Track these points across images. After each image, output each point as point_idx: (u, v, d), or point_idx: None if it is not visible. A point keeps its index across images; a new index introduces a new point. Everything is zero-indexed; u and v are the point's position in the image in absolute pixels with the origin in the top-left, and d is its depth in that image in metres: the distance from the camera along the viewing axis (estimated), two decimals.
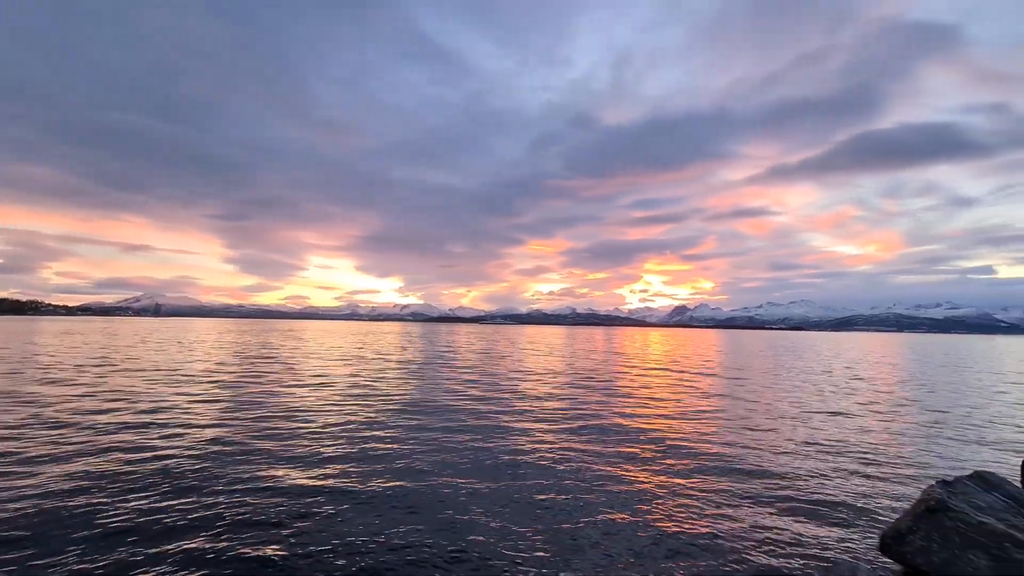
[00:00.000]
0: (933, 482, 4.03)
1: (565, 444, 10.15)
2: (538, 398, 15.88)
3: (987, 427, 12.87)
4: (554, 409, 13.97)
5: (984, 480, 4.04)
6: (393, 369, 23.46)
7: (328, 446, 9.48)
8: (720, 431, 11.65)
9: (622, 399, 16.07)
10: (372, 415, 12.46)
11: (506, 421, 12.20)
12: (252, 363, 24.67)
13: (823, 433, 11.65)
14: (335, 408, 13.26)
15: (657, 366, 29.38)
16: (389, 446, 9.62)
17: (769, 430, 11.85)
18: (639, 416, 13.26)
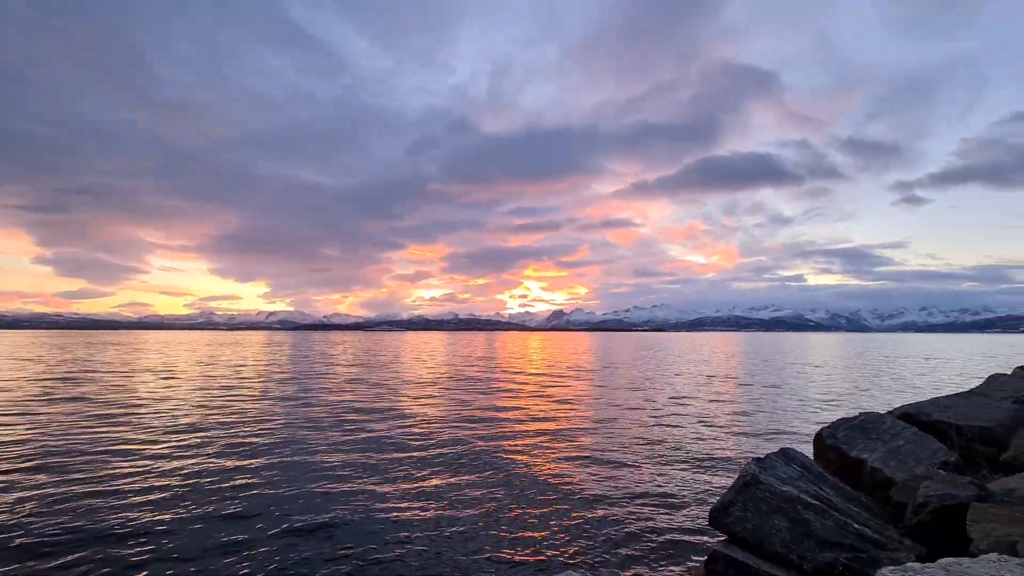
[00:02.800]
0: (750, 460, 4.59)
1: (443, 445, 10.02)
2: (414, 407, 15.51)
3: (795, 408, 15.36)
4: (429, 414, 13.75)
5: (786, 455, 4.70)
6: (239, 388, 21.30)
7: (164, 477, 8.25)
8: (579, 427, 12.39)
9: (498, 400, 16.37)
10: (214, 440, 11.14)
11: (398, 448, 11.69)
12: (44, 386, 20.72)
13: (671, 421, 12.97)
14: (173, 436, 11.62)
15: (535, 368, 30.54)
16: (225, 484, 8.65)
17: (623, 421, 12.89)
18: (509, 417, 13.59)
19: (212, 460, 9.02)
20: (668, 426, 12.46)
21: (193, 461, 8.93)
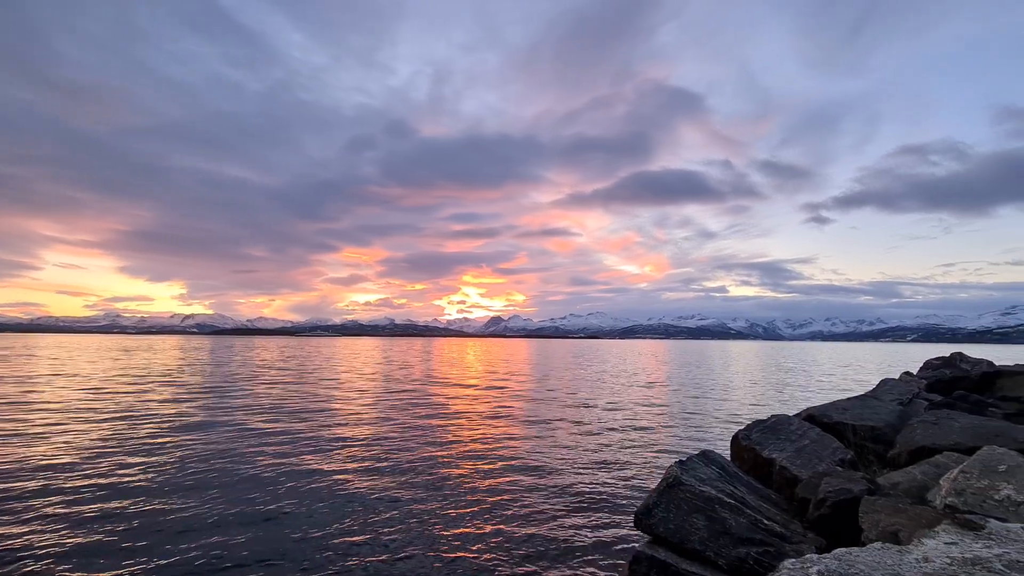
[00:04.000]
0: (673, 462, 4.79)
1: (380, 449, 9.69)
2: (347, 413, 14.93)
3: (717, 412, 16.31)
4: (362, 419, 13.28)
5: (706, 456, 4.95)
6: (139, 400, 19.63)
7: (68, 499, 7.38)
8: (509, 432, 12.47)
9: (431, 407, 16.11)
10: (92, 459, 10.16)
11: (325, 460, 11.12)
12: None
13: (601, 426, 13.34)
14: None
15: (471, 374, 30.39)
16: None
17: (554, 426, 13.11)
18: (440, 423, 13.42)
19: (113, 472, 8.20)
20: (597, 431, 12.80)
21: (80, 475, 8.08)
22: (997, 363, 12.33)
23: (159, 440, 10.89)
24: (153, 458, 9.42)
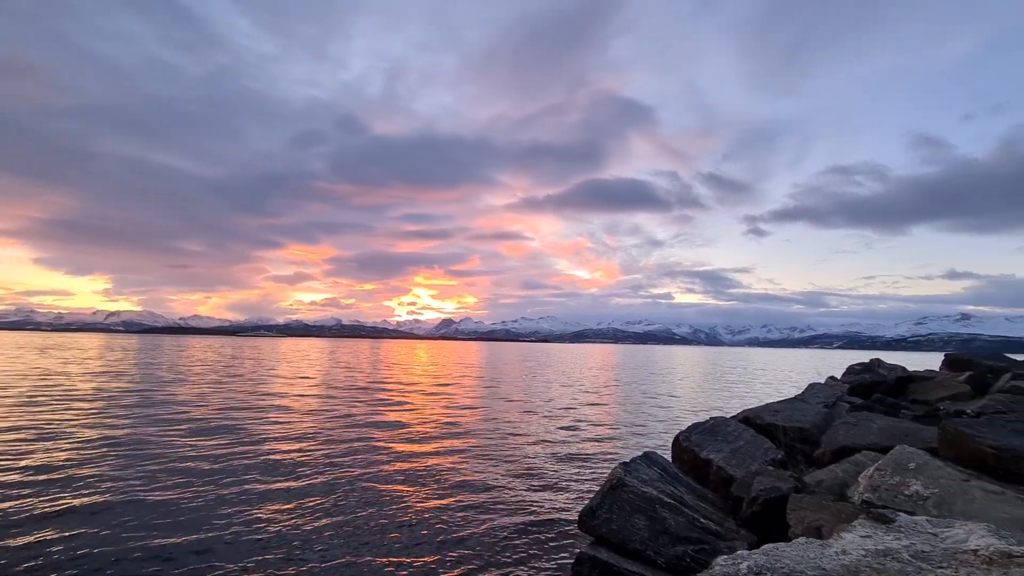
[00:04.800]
0: (618, 464, 4.88)
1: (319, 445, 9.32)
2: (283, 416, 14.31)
3: (662, 414, 16.86)
4: (306, 421, 12.78)
5: (649, 458, 5.09)
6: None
7: None
8: (456, 434, 12.38)
9: (376, 409, 15.73)
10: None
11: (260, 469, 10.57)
12: None
13: (548, 428, 13.47)
14: None
15: (419, 377, 29.93)
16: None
17: (502, 429, 13.13)
18: (385, 426, 13.13)
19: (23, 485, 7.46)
20: (544, 434, 12.91)
21: None
22: (910, 369, 13.44)
23: (55, 457, 10.02)
24: (41, 478, 8.64)
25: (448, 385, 25.59)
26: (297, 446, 10.75)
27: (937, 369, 13.90)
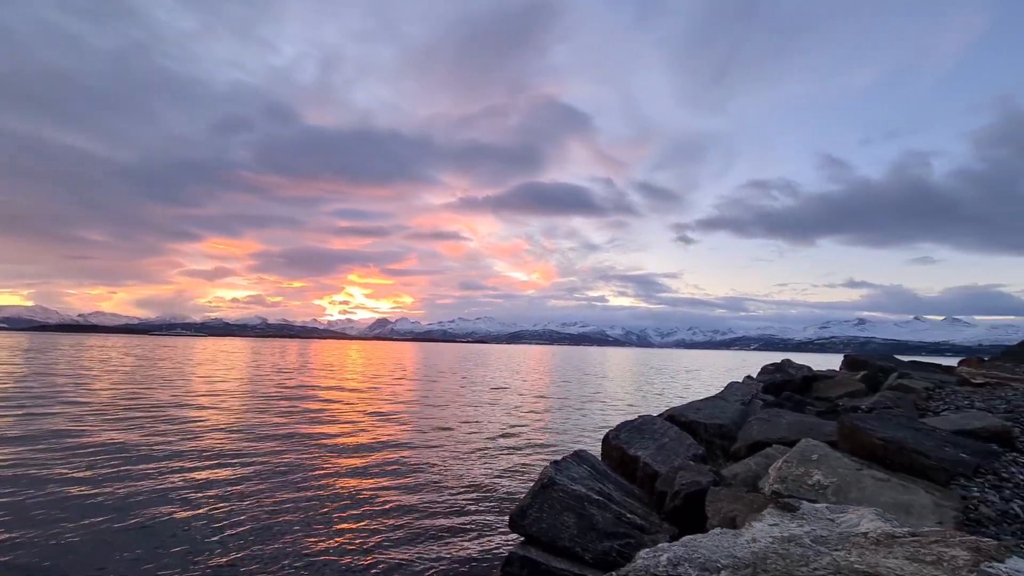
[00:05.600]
0: (549, 463, 4.93)
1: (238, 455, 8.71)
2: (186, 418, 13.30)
3: (594, 413, 17.34)
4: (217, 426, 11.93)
5: (579, 456, 5.19)
6: None
7: None
8: (386, 438, 12.10)
9: (301, 413, 15.01)
10: None
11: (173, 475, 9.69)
12: None
13: (482, 429, 13.47)
14: None
15: (349, 378, 28.92)
16: None
17: (433, 431, 12.98)
18: (311, 430, 12.58)
19: None
20: (478, 435, 12.89)
21: None
22: (815, 369, 14.69)
23: None
24: None
25: (379, 388, 24.90)
26: (207, 462, 10.01)
27: (838, 369, 15.29)
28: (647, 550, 2.30)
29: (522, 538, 4.36)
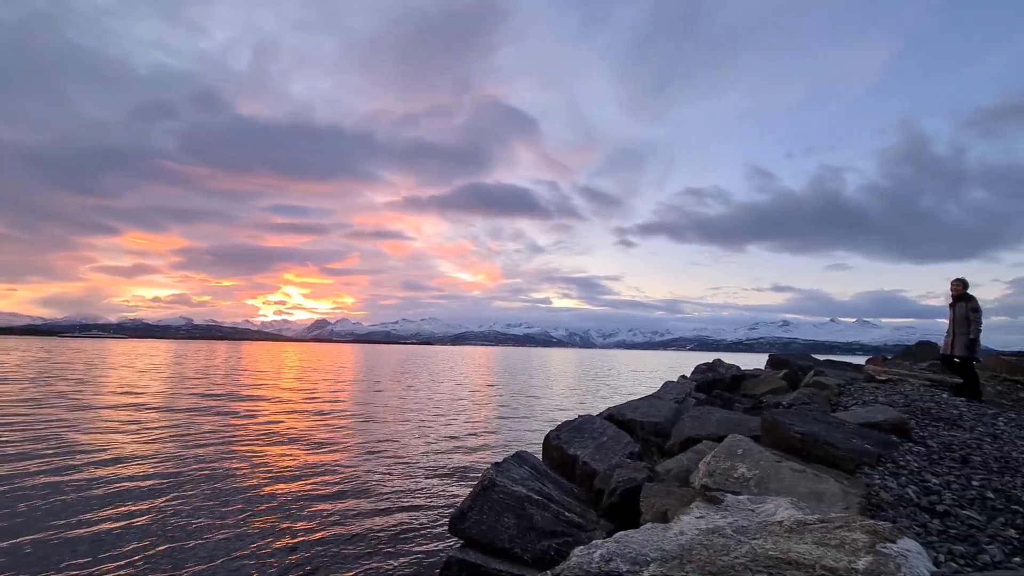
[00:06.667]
0: (490, 465, 4.93)
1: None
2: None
3: (537, 414, 17.53)
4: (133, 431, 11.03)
5: (520, 457, 5.23)
6: None
7: None
8: (324, 443, 11.69)
9: (232, 417, 14.18)
10: None
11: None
12: None
13: (421, 434, 13.28)
14: None
15: (284, 381, 27.64)
16: None
17: (374, 437, 12.68)
18: (244, 435, 11.93)
19: None
20: (420, 439, 12.69)
21: None
22: (743, 368, 15.62)
23: None
24: None
25: (316, 392, 23.94)
26: (121, 470, 9.27)
27: (763, 368, 16.34)
28: (581, 547, 2.35)
29: (462, 541, 4.33)
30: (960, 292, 8.85)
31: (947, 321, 9.01)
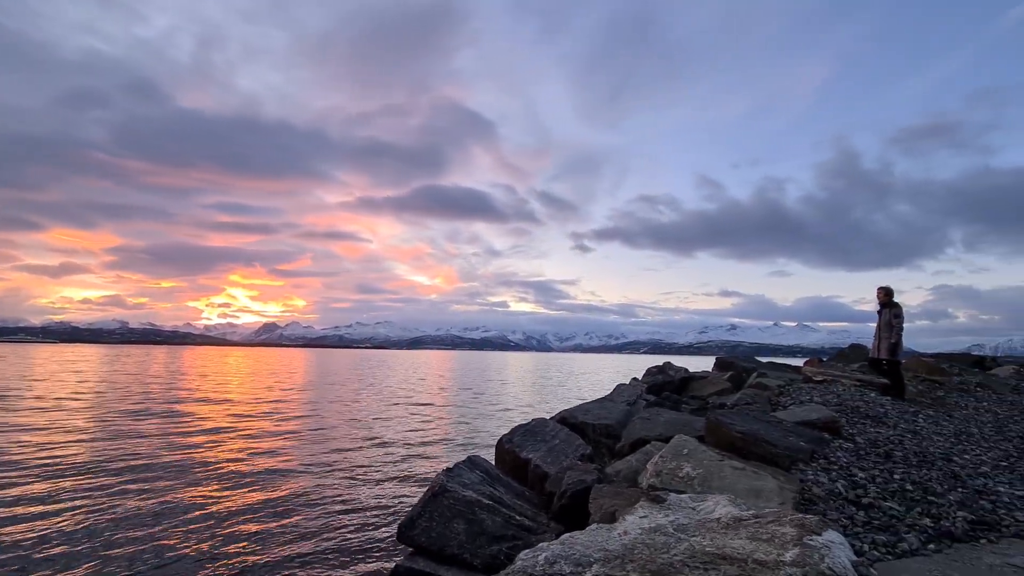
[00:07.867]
0: (441, 470, 4.86)
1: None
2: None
3: (490, 418, 17.50)
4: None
5: (472, 462, 5.19)
6: None
7: None
8: (269, 451, 11.25)
9: (170, 427, 13.38)
10: None
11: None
12: None
13: (372, 441, 13.00)
14: None
15: (227, 388, 26.35)
16: None
17: (320, 444, 12.30)
18: (187, 443, 11.30)
19: None
20: (370, 446, 12.41)
21: None
22: (692, 370, 16.17)
23: None
24: None
25: (262, 399, 22.96)
26: (45, 485, 8.57)
27: (710, 370, 16.96)
28: (527, 551, 2.35)
29: (411, 549, 4.25)
30: (885, 299, 9.55)
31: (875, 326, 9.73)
